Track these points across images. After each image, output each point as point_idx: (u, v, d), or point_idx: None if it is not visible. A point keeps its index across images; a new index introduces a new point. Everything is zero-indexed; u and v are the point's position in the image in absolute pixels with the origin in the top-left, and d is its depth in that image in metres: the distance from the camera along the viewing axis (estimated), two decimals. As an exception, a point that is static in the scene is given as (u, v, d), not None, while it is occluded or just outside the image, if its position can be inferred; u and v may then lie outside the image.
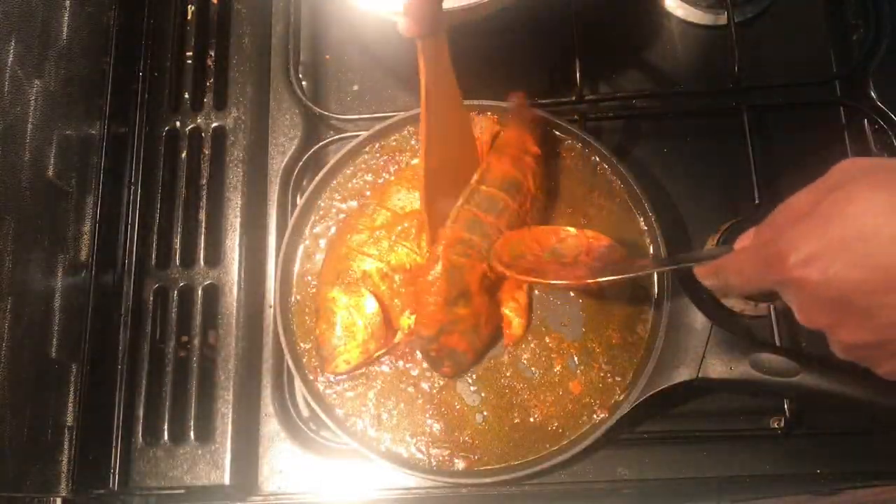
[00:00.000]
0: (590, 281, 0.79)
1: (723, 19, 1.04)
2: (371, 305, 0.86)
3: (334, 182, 0.97)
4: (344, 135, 1.02)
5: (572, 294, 0.91)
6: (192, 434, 0.89)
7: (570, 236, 0.86)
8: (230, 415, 0.89)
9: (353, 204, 0.96)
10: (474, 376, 0.90)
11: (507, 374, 0.89)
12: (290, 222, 0.95)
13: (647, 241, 0.92)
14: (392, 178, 0.95)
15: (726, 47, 0.99)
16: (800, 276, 0.57)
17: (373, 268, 0.88)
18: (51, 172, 0.87)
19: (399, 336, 0.89)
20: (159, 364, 0.92)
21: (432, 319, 0.83)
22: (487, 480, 0.85)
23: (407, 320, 0.89)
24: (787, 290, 0.60)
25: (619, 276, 0.79)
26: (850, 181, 0.56)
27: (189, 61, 1.04)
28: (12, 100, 0.82)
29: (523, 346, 0.90)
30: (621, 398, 0.87)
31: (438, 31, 0.75)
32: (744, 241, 0.68)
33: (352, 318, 0.86)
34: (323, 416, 0.88)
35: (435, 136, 0.81)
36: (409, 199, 0.91)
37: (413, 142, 0.98)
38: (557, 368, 0.89)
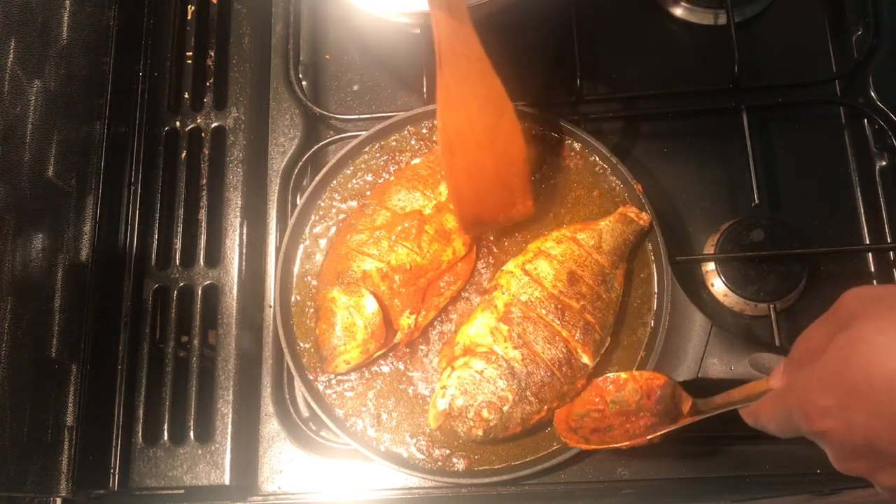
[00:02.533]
0: (656, 436, 0.78)
1: (723, 19, 1.04)
2: (371, 305, 0.86)
3: (334, 182, 0.97)
4: (344, 135, 1.02)
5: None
6: (192, 434, 0.89)
7: (628, 381, 0.84)
8: (230, 415, 0.89)
9: (353, 204, 0.96)
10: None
11: (507, 374, 0.89)
12: (290, 222, 0.95)
13: (648, 240, 0.92)
14: (392, 178, 0.94)
15: (726, 47, 0.99)
16: (823, 429, 0.57)
17: (373, 268, 0.88)
18: (51, 172, 0.87)
19: (399, 336, 0.89)
20: (159, 364, 0.92)
21: None
22: (487, 480, 0.85)
23: (407, 320, 0.88)
24: (817, 440, 0.60)
25: (678, 426, 0.78)
26: (856, 319, 0.55)
27: (189, 61, 1.04)
28: (12, 100, 0.82)
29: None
30: (621, 398, 0.87)
31: None
32: (776, 375, 0.67)
33: (352, 318, 0.86)
34: (323, 416, 0.88)
35: (454, 90, 0.78)
36: (409, 200, 0.91)
37: (413, 142, 0.98)
38: (557, 368, 0.89)
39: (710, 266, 0.95)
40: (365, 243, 0.89)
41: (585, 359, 0.85)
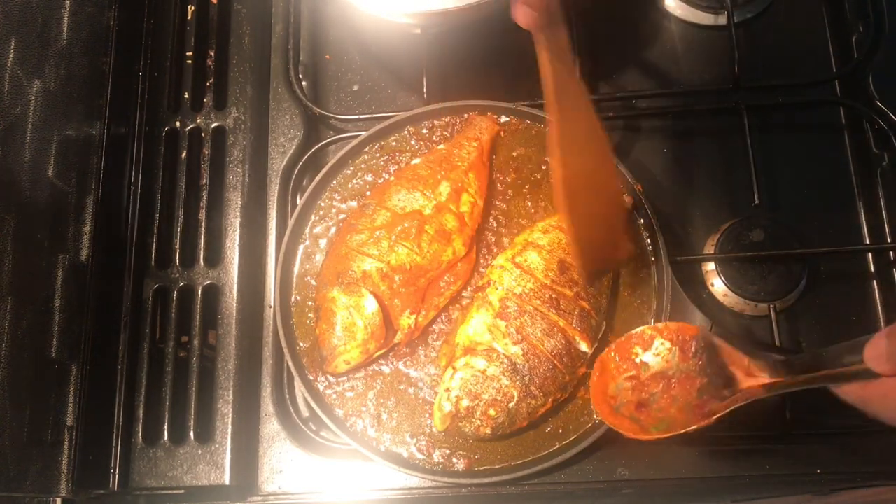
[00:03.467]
0: (719, 416, 0.72)
1: (723, 19, 1.04)
2: (371, 305, 0.86)
3: (334, 182, 0.97)
4: (344, 135, 1.02)
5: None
6: (192, 434, 0.89)
7: (654, 337, 0.80)
8: (230, 415, 0.89)
9: (353, 204, 0.96)
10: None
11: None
12: (290, 222, 0.95)
13: (647, 240, 0.92)
14: (392, 178, 0.94)
15: (726, 47, 0.99)
16: None
17: (373, 268, 0.88)
18: (51, 172, 0.87)
19: (399, 336, 0.89)
20: (159, 364, 0.92)
21: None
22: (487, 480, 0.85)
23: (407, 320, 0.88)
24: None
25: (749, 400, 0.71)
26: None
27: (189, 61, 1.04)
28: (12, 100, 0.82)
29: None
30: (621, 398, 0.87)
31: (557, 19, 0.69)
32: (875, 348, 0.60)
33: (352, 318, 0.86)
34: (323, 416, 0.88)
35: (567, 141, 0.75)
36: (409, 200, 0.91)
37: (413, 142, 0.98)
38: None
39: (710, 266, 0.95)
40: (365, 243, 0.89)
41: (584, 346, 0.85)
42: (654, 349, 0.80)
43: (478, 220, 0.93)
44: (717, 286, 0.94)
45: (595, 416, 0.87)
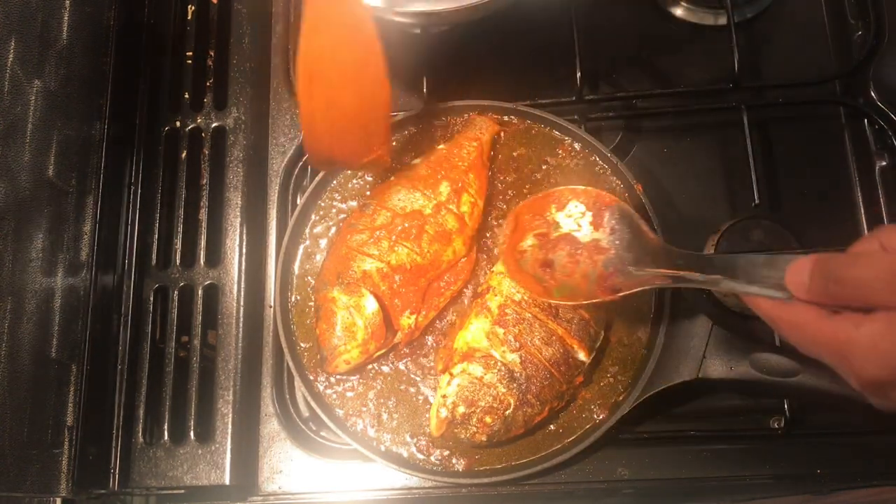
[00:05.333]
0: (623, 294, 0.71)
1: (723, 19, 1.04)
2: (371, 305, 0.86)
3: (334, 182, 0.97)
4: (344, 135, 1.02)
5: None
6: (192, 434, 0.89)
7: (571, 198, 0.77)
8: (230, 415, 0.89)
9: (353, 204, 0.96)
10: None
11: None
12: (290, 222, 0.95)
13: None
14: (392, 177, 0.94)
15: (726, 47, 0.99)
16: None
17: (373, 268, 0.88)
18: (51, 172, 0.87)
19: (399, 336, 0.89)
20: (159, 364, 0.92)
21: None
22: (487, 480, 0.85)
23: (407, 320, 0.88)
24: (871, 398, 0.56)
25: (655, 286, 0.69)
26: None
27: (189, 61, 1.04)
28: (12, 100, 0.82)
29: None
30: (621, 398, 0.87)
31: None
32: (798, 271, 0.59)
33: (352, 318, 0.86)
34: (323, 416, 0.88)
35: (318, 18, 0.76)
36: (409, 200, 0.91)
37: (413, 142, 0.98)
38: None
39: (710, 266, 0.95)
40: (365, 243, 0.89)
41: (582, 355, 0.85)
42: (568, 210, 0.78)
43: (478, 220, 0.93)
44: (718, 286, 0.94)
45: (595, 416, 0.87)
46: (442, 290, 0.91)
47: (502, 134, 0.97)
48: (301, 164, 1.01)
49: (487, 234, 0.94)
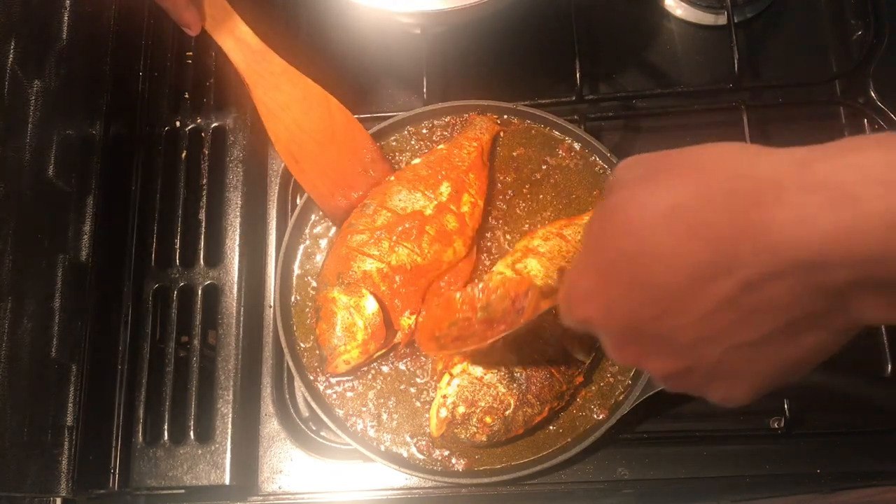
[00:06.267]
0: (495, 339, 0.74)
1: (723, 19, 1.04)
2: (371, 306, 0.86)
3: (334, 182, 0.97)
4: (344, 135, 1.02)
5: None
6: (192, 434, 0.89)
7: (498, 287, 0.80)
8: (230, 415, 0.89)
9: (353, 204, 0.96)
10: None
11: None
12: (290, 222, 0.95)
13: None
14: (392, 178, 0.94)
15: (726, 47, 0.99)
16: (585, 316, 0.53)
17: (373, 268, 0.88)
18: (51, 172, 0.87)
19: (399, 336, 0.89)
20: (159, 364, 0.92)
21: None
22: (487, 480, 0.85)
23: (407, 320, 0.88)
24: (587, 328, 0.55)
25: (517, 327, 0.73)
26: (614, 190, 0.51)
27: (189, 61, 1.03)
28: (12, 100, 0.82)
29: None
30: (621, 398, 0.87)
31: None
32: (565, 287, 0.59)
33: (352, 318, 0.86)
34: (323, 416, 0.88)
35: (271, 110, 0.91)
36: (410, 200, 0.91)
37: (413, 142, 0.98)
38: (557, 368, 0.89)
39: (710, 266, 0.95)
40: (366, 244, 0.89)
41: (581, 355, 0.85)
42: (494, 298, 0.79)
43: (478, 220, 0.93)
44: (717, 286, 0.94)
45: (595, 416, 0.87)
46: (442, 290, 0.91)
47: (502, 134, 0.97)
48: (301, 164, 1.01)
49: (487, 235, 0.94)
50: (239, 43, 0.89)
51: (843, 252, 0.40)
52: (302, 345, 0.92)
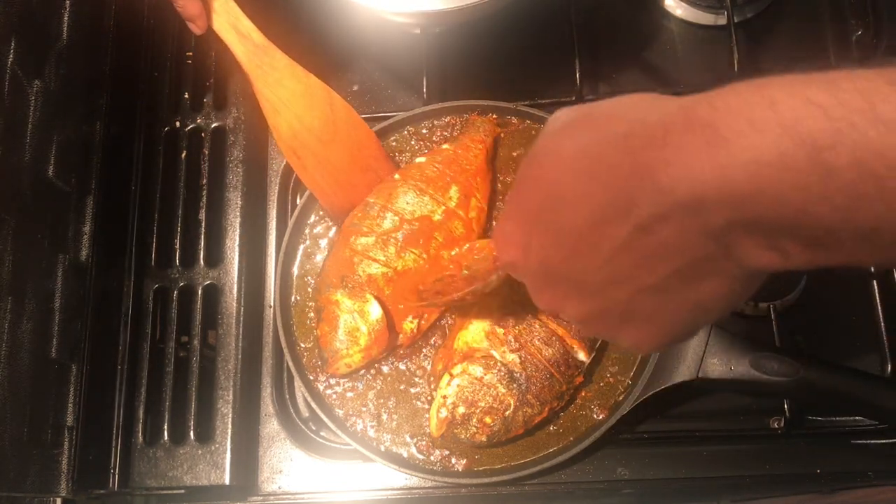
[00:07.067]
0: (466, 293, 0.76)
1: (723, 19, 1.04)
2: (375, 312, 0.86)
3: (334, 182, 0.97)
4: (344, 135, 1.02)
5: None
6: (192, 434, 0.89)
7: (483, 248, 0.83)
8: (230, 415, 0.89)
9: (353, 204, 0.96)
10: (474, 376, 0.90)
11: (507, 374, 0.89)
12: (290, 222, 0.95)
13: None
14: (397, 175, 0.93)
15: (726, 47, 0.99)
16: (508, 260, 0.56)
17: (378, 272, 0.87)
18: (51, 172, 0.87)
19: (401, 338, 0.88)
20: (159, 364, 0.92)
21: None
22: (487, 480, 0.85)
23: (410, 325, 0.88)
24: (513, 275, 0.58)
25: (477, 286, 0.75)
26: (536, 142, 0.52)
27: (189, 61, 1.03)
28: (12, 100, 0.82)
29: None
30: (621, 398, 0.87)
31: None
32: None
33: (355, 322, 0.86)
34: (323, 416, 0.88)
35: (273, 105, 0.90)
36: (418, 204, 0.89)
37: (413, 142, 0.98)
38: (557, 368, 0.89)
39: (710, 266, 0.95)
40: (371, 247, 0.88)
41: (582, 355, 0.85)
42: (480, 257, 0.83)
43: (483, 225, 0.92)
44: (717, 286, 0.94)
45: (595, 416, 0.87)
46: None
47: (502, 135, 0.97)
48: (301, 164, 1.01)
49: (488, 235, 0.94)
50: (241, 37, 0.88)
51: (716, 192, 0.40)
52: (302, 345, 0.92)
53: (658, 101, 0.47)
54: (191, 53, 1.04)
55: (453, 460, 0.87)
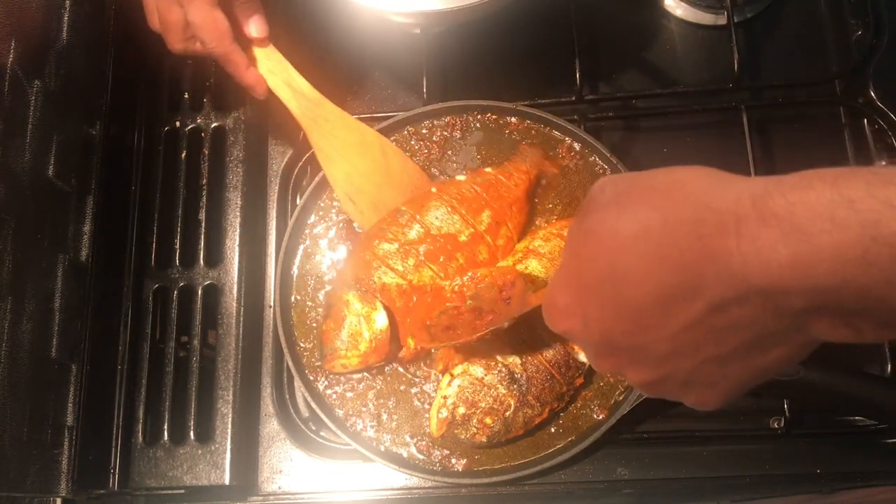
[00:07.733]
0: (485, 333, 0.77)
1: (723, 19, 1.04)
2: (381, 321, 0.85)
3: (334, 182, 0.97)
4: (344, 135, 1.02)
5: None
6: (192, 434, 0.89)
7: (486, 277, 0.83)
8: (230, 415, 0.89)
9: (354, 204, 0.96)
10: (474, 376, 0.90)
11: (507, 374, 0.89)
12: (290, 222, 0.95)
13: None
14: (434, 189, 0.92)
15: (726, 47, 0.99)
16: (565, 329, 0.57)
17: (393, 282, 0.87)
18: (51, 172, 0.87)
19: (403, 352, 0.88)
20: (159, 364, 0.92)
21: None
22: (487, 480, 0.85)
23: (413, 340, 0.88)
24: (571, 340, 0.59)
25: (506, 319, 0.77)
26: (588, 211, 0.53)
27: (189, 61, 1.03)
28: (12, 100, 0.82)
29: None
30: (621, 398, 0.87)
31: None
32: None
33: (359, 326, 0.85)
34: (323, 416, 0.88)
35: (329, 156, 0.93)
36: (448, 221, 0.88)
37: (413, 142, 0.98)
38: (557, 368, 0.89)
39: (710, 266, 0.95)
40: (392, 255, 0.88)
41: (582, 357, 0.85)
42: (482, 287, 0.83)
43: (507, 255, 0.90)
44: (717, 286, 0.94)
45: (595, 416, 0.87)
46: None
47: (554, 171, 0.95)
48: (301, 164, 1.01)
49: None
50: (295, 93, 0.92)
51: (796, 282, 0.43)
52: (302, 345, 0.92)
53: (721, 183, 0.48)
54: (191, 53, 1.04)
55: (453, 460, 0.87)
